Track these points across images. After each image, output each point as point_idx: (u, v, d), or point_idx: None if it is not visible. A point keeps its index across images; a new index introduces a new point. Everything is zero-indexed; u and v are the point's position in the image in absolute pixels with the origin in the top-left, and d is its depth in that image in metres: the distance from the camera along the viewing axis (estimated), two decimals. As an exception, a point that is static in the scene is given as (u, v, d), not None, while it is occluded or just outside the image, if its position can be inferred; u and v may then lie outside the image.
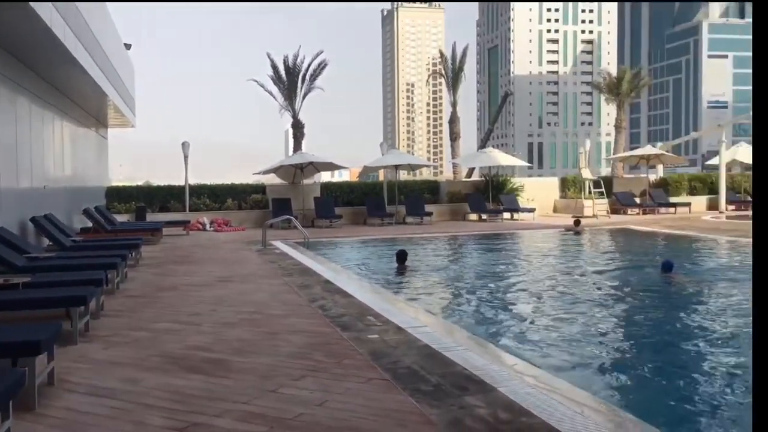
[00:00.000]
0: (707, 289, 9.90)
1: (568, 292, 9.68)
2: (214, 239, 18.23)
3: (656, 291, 9.97)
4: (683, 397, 5.00)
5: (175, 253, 14.50)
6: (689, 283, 10.31)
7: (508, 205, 24.18)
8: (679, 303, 9.21)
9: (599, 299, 9.26)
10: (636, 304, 9.07)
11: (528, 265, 13.00)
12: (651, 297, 9.50)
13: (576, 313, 8.09)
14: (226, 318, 7.02)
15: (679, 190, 27.42)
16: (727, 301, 8.98)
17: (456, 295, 9.82)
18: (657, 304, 9.09)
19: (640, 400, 4.96)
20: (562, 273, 11.61)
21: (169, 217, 21.54)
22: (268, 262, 12.36)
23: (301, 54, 29.68)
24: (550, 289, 10.00)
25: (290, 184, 24.02)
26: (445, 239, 18.10)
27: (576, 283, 10.49)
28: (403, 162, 23.97)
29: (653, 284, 10.40)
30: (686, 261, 12.85)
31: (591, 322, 7.67)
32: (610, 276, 11.44)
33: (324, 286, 9.01)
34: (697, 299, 9.33)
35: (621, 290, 9.97)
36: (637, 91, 36.94)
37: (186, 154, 23.38)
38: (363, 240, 17.61)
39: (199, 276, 10.65)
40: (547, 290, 9.89)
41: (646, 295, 9.59)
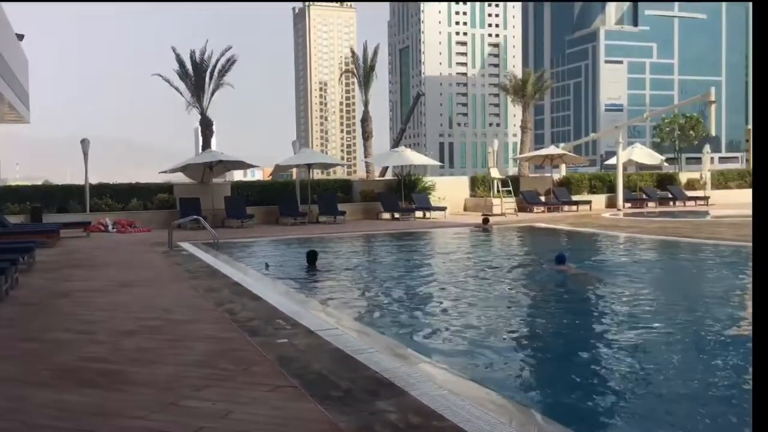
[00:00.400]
0: (597, 281, 10.43)
1: (475, 289, 9.86)
2: (117, 241, 17.38)
3: (551, 284, 10.45)
4: (582, 390, 5.14)
5: (73, 256, 13.69)
6: (579, 275, 10.80)
7: (420, 204, 24.44)
8: (570, 295, 9.69)
9: (506, 295, 9.50)
10: (535, 298, 9.48)
11: (438, 263, 13.13)
12: (547, 291, 9.98)
13: (482, 310, 8.22)
14: (124, 326, 6.63)
15: (580, 188, 28.63)
16: (616, 290, 9.55)
17: (367, 295, 9.76)
18: (551, 298, 9.52)
19: (541, 395, 5.07)
20: (470, 271, 11.80)
21: (68, 218, 20.39)
22: (174, 264, 11.88)
23: (209, 49, 28.86)
24: (459, 287, 10.15)
25: (199, 183, 23.26)
26: (358, 239, 18.07)
27: (483, 281, 10.69)
28: (315, 161, 23.75)
29: (548, 278, 10.86)
30: (587, 256, 13.42)
31: (498, 318, 7.81)
32: (515, 271, 11.75)
33: (232, 289, 8.72)
34: (587, 290, 9.83)
35: (522, 285, 10.40)
36: (541, 93, 38.35)
37: (85, 152, 22.17)
38: (275, 240, 17.29)
39: (97, 281, 10.08)
40: (456, 288, 10.03)
41: (544, 289, 10.06)
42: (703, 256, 13.17)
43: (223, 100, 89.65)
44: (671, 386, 5.14)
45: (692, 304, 8.55)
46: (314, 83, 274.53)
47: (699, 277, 10.85)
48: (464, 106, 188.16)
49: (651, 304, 8.57)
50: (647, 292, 9.59)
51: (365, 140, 36.32)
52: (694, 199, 28.49)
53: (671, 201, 28.61)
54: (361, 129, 36.66)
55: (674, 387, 5.12)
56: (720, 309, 8.14)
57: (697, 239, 14.70)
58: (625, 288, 9.66)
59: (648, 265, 12.41)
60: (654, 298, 9.13)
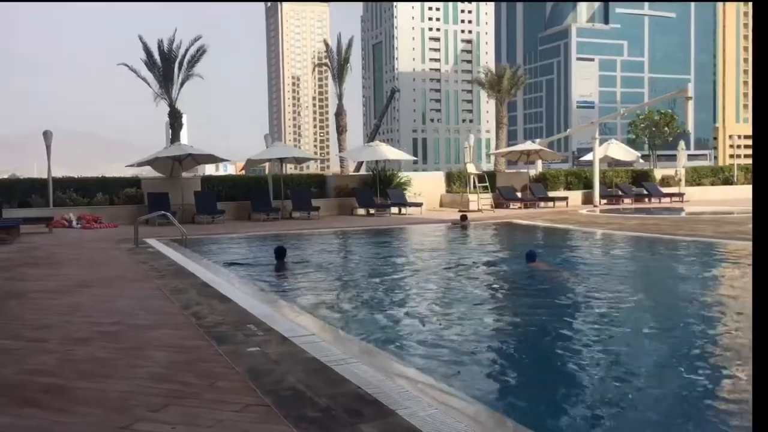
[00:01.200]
0: (570, 278, 10.23)
1: (453, 288, 9.50)
2: (81, 237, 16.61)
3: (523, 282, 10.22)
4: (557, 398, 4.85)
5: (32, 254, 12.95)
6: (551, 273, 10.56)
7: (396, 199, 23.99)
8: (542, 292, 9.41)
9: (482, 294, 9.18)
10: (511, 298, 9.24)
11: (416, 261, 12.68)
12: (520, 288, 9.80)
13: (460, 311, 7.84)
14: (79, 332, 6.04)
15: (556, 184, 28.45)
16: (590, 288, 9.38)
17: (343, 297, 9.23)
18: (525, 295, 9.30)
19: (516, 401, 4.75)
20: (448, 269, 11.38)
21: (29, 213, 19.54)
22: (139, 262, 11.24)
23: (178, 38, 27.88)
24: (437, 286, 9.74)
25: (168, 178, 22.51)
26: (332, 235, 17.55)
27: (461, 279, 10.31)
28: (288, 155, 23.14)
29: (519, 275, 10.60)
30: (563, 253, 13.14)
31: (474, 320, 7.43)
32: (492, 269, 11.40)
33: (200, 290, 8.16)
34: (559, 288, 9.60)
35: (498, 285, 10.15)
36: (516, 88, 38.17)
37: (48, 144, 21.28)
38: (246, 236, 16.67)
39: (55, 280, 9.42)
40: (434, 287, 9.62)
41: (517, 286, 9.90)
42: (683, 252, 12.94)
43: (193, 93, 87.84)
44: (641, 386, 5.02)
45: (672, 303, 8.30)
46: (287, 78, 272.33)
47: (679, 275, 10.57)
48: (437, 102, 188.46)
49: (625, 302, 8.34)
50: (622, 289, 9.34)
51: (339, 134, 35.69)
52: (670, 196, 28.51)
53: (647, 198, 28.59)
54: (336, 123, 36.02)
55: (645, 389, 4.98)
56: (700, 308, 7.96)
57: (678, 236, 14.48)
58: (600, 286, 9.47)
59: (626, 263, 12.15)
60: (628, 295, 8.88)
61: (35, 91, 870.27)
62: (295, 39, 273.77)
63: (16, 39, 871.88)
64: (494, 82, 35.66)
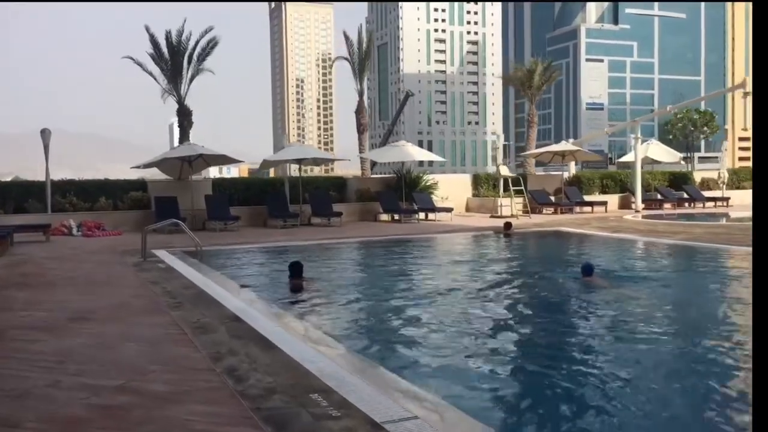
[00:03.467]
0: (632, 297, 8.78)
1: (521, 321, 7.77)
2: (82, 247, 14.76)
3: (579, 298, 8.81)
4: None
5: (23, 269, 11.10)
6: (611, 288, 9.23)
7: (423, 204, 22.10)
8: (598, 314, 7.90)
9: (548, 325, 7.56)
10: (574, 322, 7.66)
11: (471, 281, 10.78)
12: (585, 308, 8.32)
13: (527, 350, 6.29)
14: (67, 405, 4.16)
15: (591, 188, 26.56)
16: (654, 310, 7.94)
17: (416, 336, 6.95)
18: (591, 319, 7.74)
19: None
20: (506, 292, 9.52)
21: (25, 219, 17.74)
22: (149, 282, 9.37)
23: (187, 30, 25.92)
24: (502, 317, 7.93)
25: (176, 180, 20.68)
26: (363, 246, 15.60)
27: (525, 306, 8.63)
28: (307, 156, 21.24)
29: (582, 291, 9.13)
30: (631, 267, 11.51)
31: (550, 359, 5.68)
32: (559, 288, 9.63)
33: (231, 328, 6.29)
34: (620, 306, 8.24)
35: (569, 307, 8.58)
36: (548, 84, 36.27)
37: (46, 144, 19.46)
38: (268, 248, 14.77)
39: (45, 309, 7.56)
40: (499, 317, 7.85)
41: (588, 309, 8.29)
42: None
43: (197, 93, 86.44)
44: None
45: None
46: (291, 80, 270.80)
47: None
48: (443, 104, 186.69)
49: (718, 330, 6.82)
50: (714, 314, 7.70)
51: (360, 133, 33.70)
52: (714, 200, 26.55)
53: (687, 202, 26.63)
54: (356, 122, 34.05)
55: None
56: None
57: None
58: (668, 308, 8.04)
59: (711, 281, 10.26)
60: (719, 323, 7.25)
61: (36, 90, 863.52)
62: (299, 41, 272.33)
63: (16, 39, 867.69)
64: (525, 78, 33.72)
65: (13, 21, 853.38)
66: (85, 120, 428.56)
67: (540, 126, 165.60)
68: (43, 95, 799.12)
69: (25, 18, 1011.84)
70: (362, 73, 33.05)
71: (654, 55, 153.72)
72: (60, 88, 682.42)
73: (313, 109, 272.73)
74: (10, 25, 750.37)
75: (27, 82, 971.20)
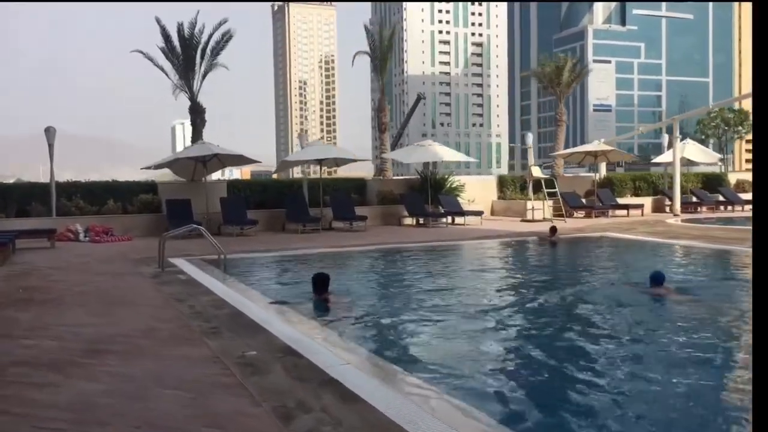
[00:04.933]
0: (711, 309, 7.89)
1: (599, 343, 6.50)
2: (91, 255, 13.48)
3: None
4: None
5: (26, 282, 9.81)
6: (682, 301, 8.23)
7: (450, 207, 20.79)
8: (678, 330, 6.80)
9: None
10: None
11: (532, 295, 9.49)
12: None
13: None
14: None
15: (623, 190, 25.24)
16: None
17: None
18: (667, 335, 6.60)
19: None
20: (573, 309, 8.22)
21: (28, 224, 16.48)
22: (173, 299, 8.07)
23: (200, 22, 24.53)
24: (576, 339, 6.63)
25: (189, 182, 19.41)
26: (396, 253, 14.20)
27: (598, 325, 7.35)
28: (329, 155, 19.92)
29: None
30: (708, 276, 10.32)
31: None
32: (627, 303, 8.30)
33: (289, 365, 4.98)
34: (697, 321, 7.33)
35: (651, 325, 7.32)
36: (578, 81, 34.94)
37: (51, 143, 18.18)
38: (294, 256, 13.44)
39: (53, 336, 6.25)
40: (573, 338, 6.56)
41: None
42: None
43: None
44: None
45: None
46: (294, 82, 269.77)
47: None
48: (447, 106, 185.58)
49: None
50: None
51: (381, 133, 32.29)
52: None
53: (724, 205, 25.28)
54: (377, 120, 32.58)
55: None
56: None
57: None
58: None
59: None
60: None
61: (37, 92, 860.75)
62: (302, 42, 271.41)
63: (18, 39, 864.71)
64: (554, 75, 32.36)
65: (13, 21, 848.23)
66: (86, 122, 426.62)
67: (545, 128, 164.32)
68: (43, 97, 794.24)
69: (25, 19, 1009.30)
70: (383, 69, 31.72)
71: (661, 57, 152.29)
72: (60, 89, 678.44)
73: (316, 111, 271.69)
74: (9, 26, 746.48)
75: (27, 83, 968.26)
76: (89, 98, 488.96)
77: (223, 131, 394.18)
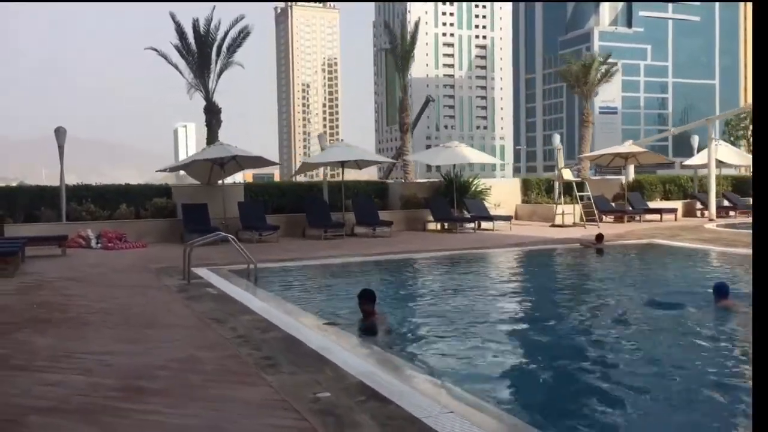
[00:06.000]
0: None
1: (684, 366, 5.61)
2: (106, 264, 12.55)
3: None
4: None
5: (38, 296, 8.87)
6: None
7: (477, 211, 19.83)
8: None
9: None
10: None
11: (596, 309, 8.55)
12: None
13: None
14: None
15: (653, 193, 24.25)
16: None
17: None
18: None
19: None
20: (647, 325, 7.30)
21: (37, 229, 15.57)
22: (208, 318, 7.11)
23: (216, 18, 23.49)
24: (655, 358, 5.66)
25: (204, 185, 18.48)
26: (436, 263, 13.18)
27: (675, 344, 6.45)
28: (354, 157, 18.94)
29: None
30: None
31: None
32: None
33: (379, 413, 4.02)
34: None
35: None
36: (607, 80, 33.91)
37: (61, 144, 17.26)
38: (326, 265, 12.48)
39: (78, 368, 5.29)
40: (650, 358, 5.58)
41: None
42: None
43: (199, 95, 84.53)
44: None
45: None
46: (297, 85, 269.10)
47: None
48: (451, 108, 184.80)
49: None
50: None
51: (403, 133, 31.31)
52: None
53: (758, 209, 24.24)
54: (399, 121, 31.65)
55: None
56: None
57: None
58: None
59: None
60: None
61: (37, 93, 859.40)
62: (305, 45, 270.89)
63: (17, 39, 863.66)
64: (581, 74, 31.35)
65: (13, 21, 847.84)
66: (86, 123, 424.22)
67: (550, 131, 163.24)
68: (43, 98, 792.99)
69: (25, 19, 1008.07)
70: (406, 66, 30.72)
71: (668, 59, 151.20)
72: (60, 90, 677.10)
73: (319, 114, 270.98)
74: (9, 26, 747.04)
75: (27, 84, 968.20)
76: (89, 99, 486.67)
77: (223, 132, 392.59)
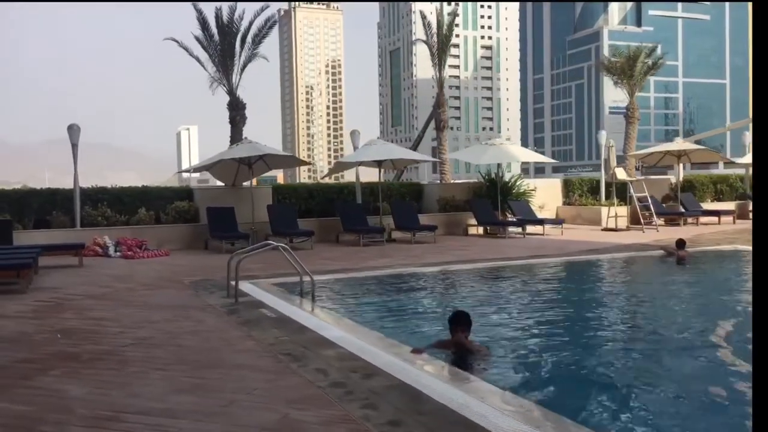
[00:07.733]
0: None
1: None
2: (130, 276, 11.05)
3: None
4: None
5: (62, 320, 7.34)
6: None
7: (524, 215, 18.29)
8: None
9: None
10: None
11: (719, 335, 7.03)
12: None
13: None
14: None
15: (704, 194, 22.69)
16: None
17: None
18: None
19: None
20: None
21: (51, 236, 14.12)
22: (282, 355, 5.57)
23: (239, 8, 21.97)
24: None
25: (229, 187, 16.98)
26: (514, 274, 11.54)
27: None
28: (393, 156, 17.42)
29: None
30: None
31: None
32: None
33: None
34: None
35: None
36: (653, 72, 32.34)
37: (74, 143, 15.75)
38: (377, 277, 10.90)
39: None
40: None
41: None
42: None
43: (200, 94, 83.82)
44: None
45: None
46: (300, 87, 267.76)
47: None
48: (457, 110, 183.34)
49: None
50: None
51: (440, 131, 29.74)
52: None
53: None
54: (436, 117, 30.13)
55: None
56: None
57: None
58: None
59: None
60: None
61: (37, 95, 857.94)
62: (308, 47, 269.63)
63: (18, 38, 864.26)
64: (626, 67, 29.80)
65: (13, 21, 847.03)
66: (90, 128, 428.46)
67: (558, 131, 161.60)
68: (43, 100, 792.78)
69: (25, 19, 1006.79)
70: (442, 59, 29.18)
71: (678, 58, 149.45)
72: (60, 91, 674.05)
73: (323, 116, 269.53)
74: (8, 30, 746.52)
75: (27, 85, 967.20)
76: (89, 100, 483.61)
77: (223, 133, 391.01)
